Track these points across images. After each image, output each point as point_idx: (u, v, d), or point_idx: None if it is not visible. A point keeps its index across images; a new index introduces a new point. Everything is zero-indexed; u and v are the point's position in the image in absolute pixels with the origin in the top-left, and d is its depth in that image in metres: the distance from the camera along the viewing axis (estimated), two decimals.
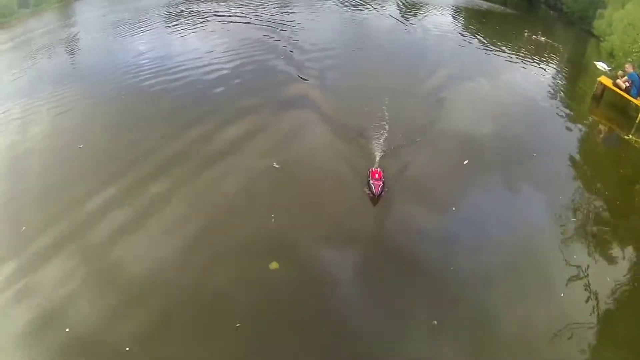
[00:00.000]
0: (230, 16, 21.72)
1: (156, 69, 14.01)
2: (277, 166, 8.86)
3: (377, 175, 8.21)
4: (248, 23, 20.06)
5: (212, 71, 13.85)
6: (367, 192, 8.05)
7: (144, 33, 19.43)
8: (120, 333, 5.47)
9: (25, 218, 7.52)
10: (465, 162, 9.42)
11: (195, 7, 24.58)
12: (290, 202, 8.13)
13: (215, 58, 15.01)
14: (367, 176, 8.33)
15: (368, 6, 26.56)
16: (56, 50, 17.62)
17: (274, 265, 6.44)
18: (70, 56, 17.11)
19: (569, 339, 5.63)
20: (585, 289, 6.45)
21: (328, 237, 7.26)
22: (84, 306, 5.89)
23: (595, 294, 6.38)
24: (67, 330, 5.49)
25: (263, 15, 21.86)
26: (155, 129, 10.31)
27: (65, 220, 7.41)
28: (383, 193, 7.99)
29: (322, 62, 15.00)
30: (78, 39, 19.53)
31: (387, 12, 25.40)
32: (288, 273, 6.44)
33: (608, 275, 6.86)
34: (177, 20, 21.57)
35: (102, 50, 17.30)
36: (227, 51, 15.72)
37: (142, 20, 21.75)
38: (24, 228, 7.27)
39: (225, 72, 13.89)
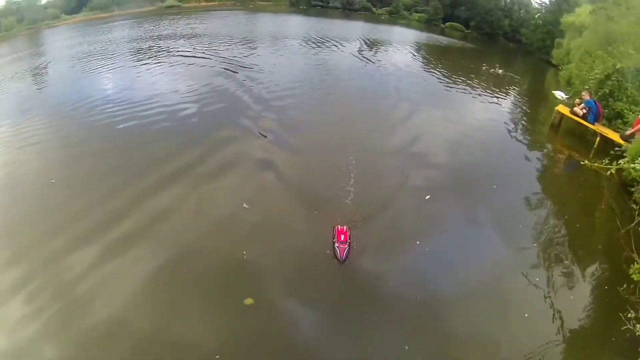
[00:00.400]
0: (195, 57, 21.14)
1: (123, 108, 13.31)
2: (246, 206, 8.59)
3: (342, 237, 7.28)
4: (212, 67, 19.27)
5: (175, 119, 12.90)
6: (333, 257, 7.09)
7: (113, 69, 19.04)
8: None
9: None
10: (427, 197, 9.30)
11: (162, 44, 24.52)
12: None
13: (177, 104, 13.77)
14: (332, 236, 7.44)
15: (332, 46, 27.05)
16: (26, 80, 17.29)
17: (248, 301, 6.25)
18: (40, 87, 16.68)
19: (540, 352, 5.67)
20: (549, 310, 6.43)
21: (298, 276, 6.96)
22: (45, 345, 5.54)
23: (559, 313, 6.37)
24: None
25: (227, 57, 21.60)
26: (123, 166, 9.91)
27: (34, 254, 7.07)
28: (350, 257, 7.08)
29: (284, 114, 13.94)
30: (48, 69, 19.22)
31: (350, 51, 25.94)
32: (263, 308, 6.17)
33: (572, 294, 6.93)
34: (144, 57, 21.37)
35: (71, 83, 16.84)
36: (191, 97, 14.80)
37: (111, 55, 21.52)
38: None
39: (192, 119, 13.01)
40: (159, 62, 20.00)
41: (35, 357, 5.41)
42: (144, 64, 19.79)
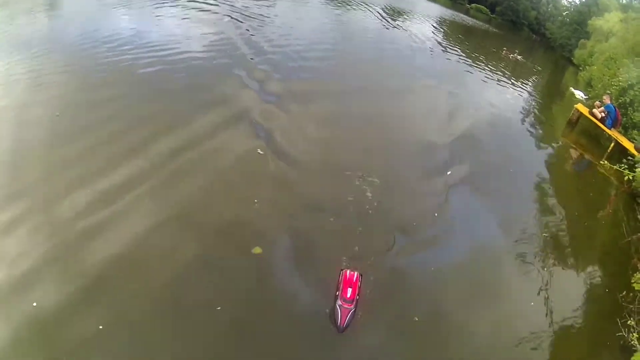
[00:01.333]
0: (217, 5, 19.71)
1: (144, 52, 12.47)
2: (260, 152, 8.24)
3: (349, 293, 5.03)
4: (233, 21, 17.37)
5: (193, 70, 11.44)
6: (330, 317, 4.96)
7: (132, 10, 17.04)
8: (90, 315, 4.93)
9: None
10: (449, 172, 9.02)
11: None
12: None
13: (201, 53, 12.76)
14: (336, 282, 5.33)
15: (351, 7, 26.40)
16: (38, 15, 16.38)
17: (257, 250, 6.11)
18: (53, 23, 15.48)
19: (534, 347, 5.58)
20: (545, 307, 6.26)
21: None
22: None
23: (555, 311, 6.21)
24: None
25: (252, 12, 19.26)
26: (134, 107, 9.10)
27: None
28: (352, 322, 4.88)
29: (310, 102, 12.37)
30: (62, 5, 18.30)
31: (373, 18, 25.21)
32: (271, 257, 5.87)
33: (570, 293, 6.81)
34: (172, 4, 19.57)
35: (88, 21, 15.85)
36: (212, 49, 13.19)
37: None
38: None
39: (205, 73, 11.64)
40: (182, 7, 18.74)
41: (32, 290, 5.12)
42: (165, 9, 18.35)
